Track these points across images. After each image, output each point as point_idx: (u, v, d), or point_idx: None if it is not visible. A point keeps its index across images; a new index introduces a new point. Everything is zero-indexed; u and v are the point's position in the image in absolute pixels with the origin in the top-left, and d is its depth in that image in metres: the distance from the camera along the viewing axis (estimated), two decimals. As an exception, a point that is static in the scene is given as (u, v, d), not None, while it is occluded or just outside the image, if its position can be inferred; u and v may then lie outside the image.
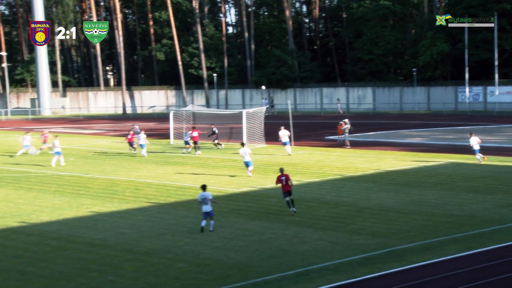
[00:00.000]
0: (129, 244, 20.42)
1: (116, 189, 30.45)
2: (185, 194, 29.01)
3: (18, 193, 29.61)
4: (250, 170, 33.56)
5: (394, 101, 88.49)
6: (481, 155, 37.00)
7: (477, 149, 36.79)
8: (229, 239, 20.86)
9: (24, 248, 20.01)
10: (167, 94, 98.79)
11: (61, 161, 39.24)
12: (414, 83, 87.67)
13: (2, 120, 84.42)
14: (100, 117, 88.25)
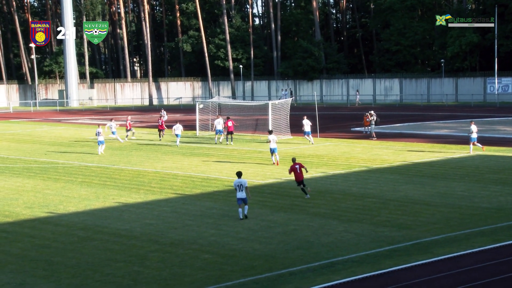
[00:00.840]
0: (154, 235, 20.56)
1: (142, 180, 30.66)
2: (210, 185, 29.11)
3: (46, 184, 29.96)
4: (277, 159, 34.51)
5: (421, 92, 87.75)
6: (480, 145, 37.67)
7: (474, 138, 37.47)
8: (254, 230, 20.90)
9: (51, 238, 20.26)
10: (193, 86, 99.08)
11: (101, 149, 40.57)
12: (441, 74, 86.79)
13: (30, 112, 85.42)
14: (126, 108, 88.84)
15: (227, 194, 27.25)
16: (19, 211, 24.28)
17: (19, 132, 56.57)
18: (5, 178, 31.57)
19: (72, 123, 66.70)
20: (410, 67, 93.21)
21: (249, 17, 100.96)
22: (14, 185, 29.74)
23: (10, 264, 17.61)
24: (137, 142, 46.81)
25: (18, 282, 16.22)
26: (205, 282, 16.10)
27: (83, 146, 44.84)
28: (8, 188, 28.99)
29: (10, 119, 72.87)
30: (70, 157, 39.35)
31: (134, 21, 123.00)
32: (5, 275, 16.74)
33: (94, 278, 16.46)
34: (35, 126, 62.40)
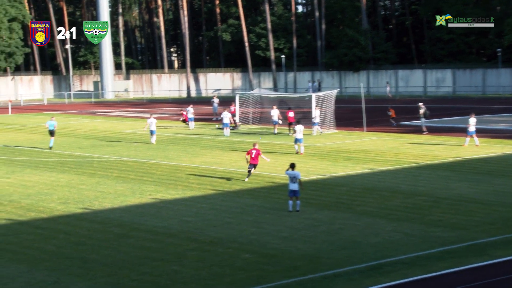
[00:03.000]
0: (193, 232, 20.68)
1: (180, 176, 30.86)
2: (251, 181, 29.14)
3: (81, 179, 30.39)
4: (301, 150, 36.29)
5: (476, 84, 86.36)
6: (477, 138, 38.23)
7: (472, 131, 38.21)
8: (297, 229, 20.86)
9: (87, 235, 20.54)
10: (232, 77, 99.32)
11: (152, 139, 42.29)
12: (498, 65, 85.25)
13: (65, 104, 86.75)
14: (163, 100, 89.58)
15: (268, 190, 27.25)
16: (54, 206, 24.68)
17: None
18: (40, 173, 32.13)
19: (108, 115, 67.53)
20: (464, 57, 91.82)
21: (291, 5, 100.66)
22: (48, 179, 30.25)
23: (44, 262, 17.92)
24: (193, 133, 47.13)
25: (53, 280, 16.49)
26: (245, 282, 16.12)
27: (119, 140, 45.37)
28: (43, 183, 29.50)
29: (44, 111, 74.12)
30: (105, 151, 39.85)
31: (172, 9, 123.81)
32: (40, 272, 17.03)
33: (130, 277, 16.63)
34: (70, 118, 63.34)
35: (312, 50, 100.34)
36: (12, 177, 31.08)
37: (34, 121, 61.45)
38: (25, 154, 38.80)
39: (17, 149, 41.03)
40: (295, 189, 22.93)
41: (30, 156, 37.95)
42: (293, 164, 23.43)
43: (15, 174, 31.73)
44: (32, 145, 42.93)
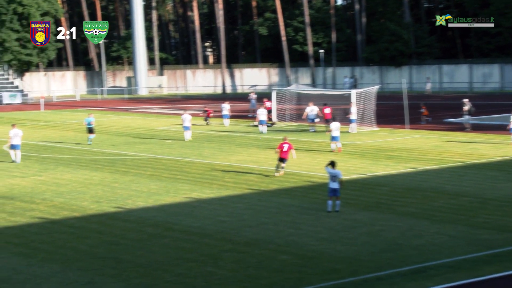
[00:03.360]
0: (228, 233, 20.75)
1: (215, 174, 30.98)
2: (288, 180, 29.13)
3: (114, 177, 30.71)
4: (338, 147, 36.64)
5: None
6: None
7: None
8: (337, 230, 20.80)
9: (120, 235, 20.75)
10: (269, 72, 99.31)
11: (186, 135, 43.09)
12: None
13: (97, 100, 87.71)
14: (198, 96, 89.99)
15: (306, 190, 27.22)
16: (87, 205, 24.99)
17: (86, 121, 58.15)
18: (72, 170, 32.55)
19: (141, 112, 68.10)
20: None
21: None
22: (81, 177, 30.63)
23: (77, 262, 18.15)
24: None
25: (86, 280, 16.69)
26: (283, 285, 16.13)
27: (152, 137, 45.72)
28: (75, 181, 29.88)
29: (76, 107, 75.05)
30: (138, 148, 40.19)
31: (206, 3, 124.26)
32: (73, 272, 17.26)
33: (164, 279, 16.75)
34: (102, 115, 63.96)
35: (352, 44, 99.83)
36: (44, 175, 31.54)
37: (66, 117, 62.27)
38: (57, 152, 39.33)
39: (50, 146, 41.62)
40: (335, 188, 22.90)
41: (63, 154, 38.46)
42: (333, 162, 23.37)
43: (47, 172, 32.20)
44: (65, 142, 43.47)
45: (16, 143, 35.15)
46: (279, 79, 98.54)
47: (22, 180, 30.13)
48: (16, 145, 35.18)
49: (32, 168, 33.34)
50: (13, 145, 35.13)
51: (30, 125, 55.38)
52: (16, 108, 73.87)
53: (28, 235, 20.86)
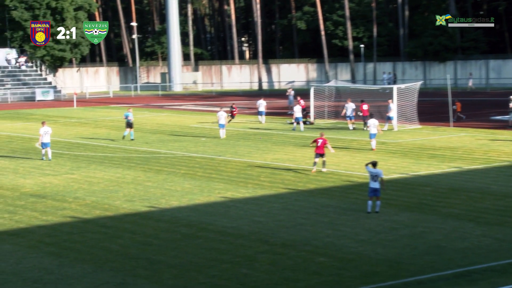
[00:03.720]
0: (264, 234, 20.76)
1: (251, 173, 31.03)
2: (326, 180, 29.05)
3: (147, 175, 30.94)
4: (374, 145, 36.70)
5: None
6: None
7: None
8: (376, 232, 20.69)
9: (153, 235, 20.90)
10: (307, 68, 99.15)
11: (221, 133, 43.35)
12: None
13: (131, 96, 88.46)
14: (234, 93, 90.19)
15: (345, 190, 27.12)
16: (119, 204, 25.22)
17: (119, 118, 58.70)
18: (105, 169, 32.88)
19: (175, 109, 68.51)
20: None
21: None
22: (114, 176, 30.92)
23: (110, 262, 18.33)
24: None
25: (118, 281, 16.85)
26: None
27: (187, 135, 45.95)
28: (108, 179, 30.17)
29: (110, 104, 75.80)
30: (172, 146, 40.44)
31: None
32: (105, 273, 17.43)
33: (198, 280, 16.84)
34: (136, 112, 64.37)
35: (394, 39, 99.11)
36: (77, 173, 31.92)
37: (99, 114, 62.93)
38: (90, 149, 39.77)
39: (82, 144, 42.09)
40: (376, 188, 22.81)
41: (95, 151, 38.87)
42: (375, 162, 23.32)
43: (80, 170, 32.57)
44: (97, 140, 43.94)
45: (46, 140, 35.60)
46: (318, 75, 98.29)
47: (54, 178, 30.53)
48: (46, 143, 35.64)
49: (64, 166, 33.77)
50: (43, 143, 35.58)
51: (63, 122, 56.09)
52: (48, 105, 74.88)
53: (60, 235, 21.13)
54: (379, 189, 22.88)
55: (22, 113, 65.18)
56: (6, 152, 38.77)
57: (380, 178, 22.92)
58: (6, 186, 28.97)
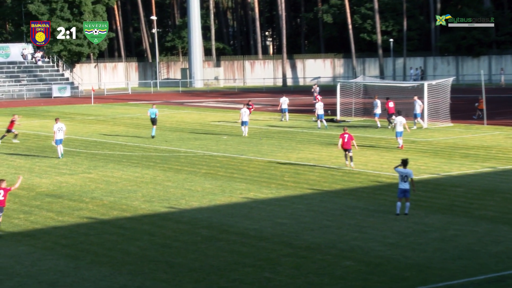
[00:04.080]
0: (288, 236, 20.76)
1: (274, 173, 31.03)
2: (353, 180, 28.98)
3: (167, 175, 31.04)
4: (400, 142, 36.74)
5: None
6: None
7: None
8: (406, 235, 20.60)
9: (172, 237, 20.97)
10: (333, 63, 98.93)
11: (245, 131, 43.62)
12: None
13: (150, 93, 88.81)
14: (257, 89, 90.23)
15: (372, 190, 27.04)
16: (138, 205, 25.33)
17: (138, 116, 58.99)
18: (123, 168, 33.04)
19: (196, 106, 68.69)
20: None
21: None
22: (132, 175, 31.07)
23: (128, 265, 18.41)
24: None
25: (136, 285, 16.93)
26: (346, 293, 16.07)
27: (208, 133, 46.04)
28: (126, 179, 30.32)
29: (128, 101, 76.16)
30: (193, 145, 40.54)
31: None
32: (123, 276, 17.52)
33: (219, 284, 16.87)
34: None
35: (425, 32, 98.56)
36: (94, 172, 32.11)
37: (117, 111, 63.25)
38: (107, 148, 39.99)
39: (100, 142, 42.34)
40: (405, 189, 22.71)
41: (113, 150, 39.08)
42: (405, 161, 23.18)
43: (97, 169, 32.76)
44: (115, 138, 44.17)
45: (59, 137, 35.82)
46: (344, 70, 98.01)
47: (71, 178, 30.74)
48: (60, 139, 35.87)
49: (81, 165, 33.99)
50: (57, 140, 35.80)
51: (80, 119, 56.46)
52: (65, 102, 75.43)
53: (76, 236, 21.27)
54: (409, 190, 22.77)
55: (38, 110, 65.73)
56: (21, 151, 39.10)
57: (410, 179, 22.81)
58: (21, 186, 29.14)
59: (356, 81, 57.30)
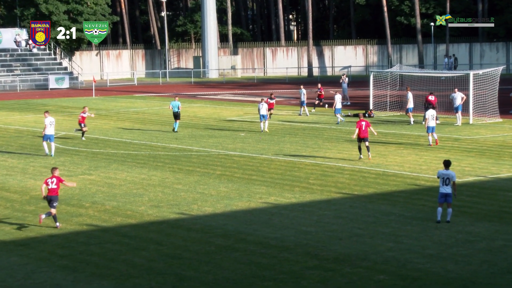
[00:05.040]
0: (313, 246, 20.75)
1: (298, 175, 31.03)
2: (388, 183, 28.92)
3: (176, 177, 31.10)
4: (435, 138, 37.15)
5: None
6: None
7: None
8: (447, 245, 20.53)
9: (183, 247, 21.01)
10: (366, 51, 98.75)
11: (264, 126, 43.74)
12: None
13: (159, 84, 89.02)
14: (279, 80, 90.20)
15: (409, 195, 26.98)
16: (144, 210, 25.41)
17: (145, 110, 59.18)
18: (128, 169, 33.16)
19: (210, 99, 68.79)
20: None
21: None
22: (138, 177, 31.17)
23: (132, 278, 18.48)
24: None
25: (141, 300, 17.00)
26: (379, 312, 16.05)
27: (223, 129, 46.09)
28: (131, 181, 30.42)
29: (134, 93, 76.42)
30: (206, 143, 40.60)
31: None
32: (126, 290, 17.60)
33: (235, 300, 16.90)
34: (164, 102, 64.88)
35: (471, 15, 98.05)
36: (95, 173, 32.24)
37: (122, 105, 63.49)
38: (111, 146, 40.14)
39: (102, 140, 42.51)
40: (447, 193, 22.64)
41: (117, 149, 39.22)
42: (447, 162, 23.12)
43: (98, 170, 32.89)
44: (120, 135, 44.33)
45: (50, 132, 35.90)
46: (379, 59, 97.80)
47: (69, 180, 30.84)
48: (50, 135, 35.95)
49: (80, 166, 34.13)
50: (46, 135, 35.86)
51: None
52: (63, 94, 75.83)
53: (75, 246, 21.36)
54: (451, 195, 22.69)
55: (33, 103, 66.14)
56: (14, 149, 39.35)
57: (452, 182, 22.72)
58: (14, 189, 29.41)
59: (391, 70, 57.13)
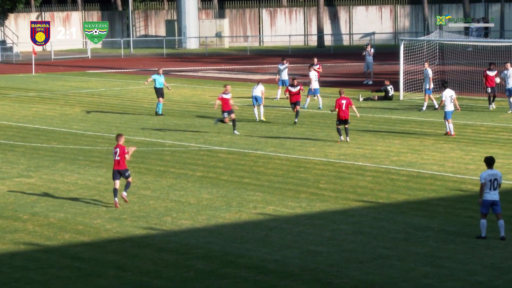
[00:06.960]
0: (325, 272, 20.72)
1: (305, 177, 31.03)
2: (423, 188, 28.92)
3: (144, 180, 31.07)
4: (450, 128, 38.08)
5: None
6: None
7: None
8: (502, 270, 20.58)
9: (152, 272, 20.96)
10: (394, 12, 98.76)
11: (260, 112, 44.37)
12: None
13: (120, 57, 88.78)
14: (278, 52, 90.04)
15: (451, 203, 27.03)
16: (101, 224, 25.35)
17: (102, 91, 59.05)
18: (79, 169, 33.09)
19: (188, 76, 68.66)
20: None
21: None
22: (93, 180, 31.12)
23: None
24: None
25: None
26: None
27: (205, 116, 45.99)
28: (83, 185, 30.38)
29: (87, 69, 76.26)
30: (183, 135, 40.54)
31: None
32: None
33: None
34: (127, 81, 64.85)
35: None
36: (35, 175, 32.15)
37: (70, 85, 63.34)
38: (56, 139, 40.03)
39: (45, 131, 42.39)
40: (495, 201, 22.63)
41: (64, 142, 39.13)
42: (490, 159, 23.07)
43: (40, 171, 32.80)
44: (68, 125, 44.20)
45: None
46: (411, 22, 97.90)
47: (1, 184, 30.78)
48: None
49: (16, 165, 34.04)
50: None
51: (15, 96, 56.58)
52: (-7, 71, 75.68)
53: (9, 271, 21.26)
54: (499, 202, 22.64)
55: (-47, 83, 66.01)
56: None
57: (499, 184, 22.72)
58: None
59: (428, 38, 57.05)
